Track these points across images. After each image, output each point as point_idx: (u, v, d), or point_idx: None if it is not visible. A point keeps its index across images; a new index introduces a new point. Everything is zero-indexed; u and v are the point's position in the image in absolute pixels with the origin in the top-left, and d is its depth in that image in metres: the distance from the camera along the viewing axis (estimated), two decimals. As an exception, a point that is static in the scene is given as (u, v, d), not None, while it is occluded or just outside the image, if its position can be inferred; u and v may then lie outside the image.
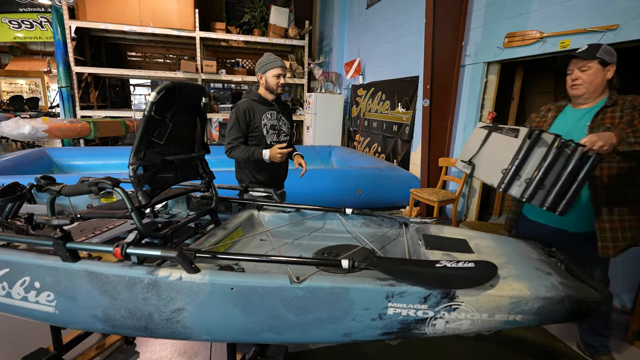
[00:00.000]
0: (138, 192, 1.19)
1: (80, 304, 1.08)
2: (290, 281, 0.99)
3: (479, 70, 3.68)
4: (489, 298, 0.98)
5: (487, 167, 1.56)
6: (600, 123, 1.53)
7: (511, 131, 1.45)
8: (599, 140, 1.26)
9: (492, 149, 1.56)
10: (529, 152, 1.32)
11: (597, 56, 1.51)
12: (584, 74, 1.55)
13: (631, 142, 1.32)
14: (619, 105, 1.54)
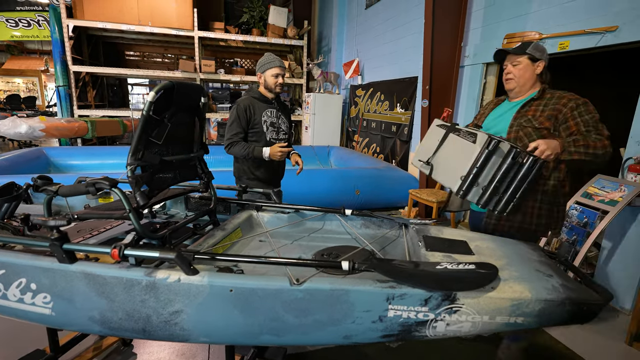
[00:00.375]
0: (136, 192, 1.18)
1: (77, 306, 1.07)
2: (290, 283, 0.98)
3: (478, 71, 3.69)
4: (490, 300, 0.97)
5: (445, 170, 1.54)
6: (524, 114, 1.62)
7: (469, 135, 1.43)
8: (547, 150, 1.37)
9: (450, 151, 1.54)
10: (486, 160, 1.34)
11: (527, 52, 1.60)
12: (515, 68, 1.64)
13: (571, 151, 1.43)
14: (545, 99, 1.61)
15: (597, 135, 1.46)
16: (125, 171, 1.18)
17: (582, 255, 2.11)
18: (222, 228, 1.47)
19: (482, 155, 1.32)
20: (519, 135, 1.62)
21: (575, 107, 1.53)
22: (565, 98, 1.57)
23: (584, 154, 1.43)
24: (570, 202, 2.40)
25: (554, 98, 1.60)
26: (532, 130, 1.59)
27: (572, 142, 1.43)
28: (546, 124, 1.55)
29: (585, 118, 1.51)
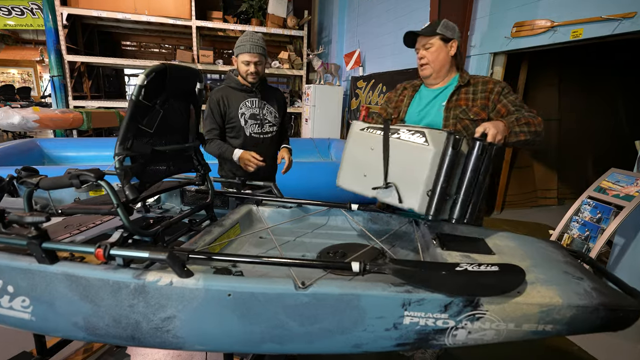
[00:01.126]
0: (125, 185, 1.07)
1: (58, 311, 0.97)
2: (294, 287, 0.88)
3: (485, 62, 3.57)
4: (517, 306, 0.88)
5: (400, 186, 1.14)
6: (456, 104, 1.52)
7: (416, 134, 1.10)
8: (497, 133, 1.22)
9: (398, 159, 1.13)
10: (452, 164, 1.04)
11: (438, 32, 1.48)
12: (428, 51, 1.52)
13: (517, 131, 1.32)
14: (472, 86, 1.53)
15: (529, 112, 1.41)
16: (113, 162, 1.07)
17: (596, 251, 2.02)
18: (219, 224, 1.37)
19: (447, 158, 1.03)
20: (457, 128, 1.53)
21: (501, 91, 1.49)
22: (490, 83, 1.52)
23: (528, 133, 1.34)
24: (582, 197, 2.31)
25: (479, 84, 1.53)
26: (469, 123, 1.50)
27: (515, 121, 1.33)
28: (482, 114, 1.49)
29: (511, 99, 1.47)
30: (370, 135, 1.19)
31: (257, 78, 1.97)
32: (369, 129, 1.19)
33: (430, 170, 1.05)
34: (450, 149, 1.02)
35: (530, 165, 4.90)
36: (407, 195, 1.09)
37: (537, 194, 4.97)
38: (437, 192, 1.05)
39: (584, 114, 4.93)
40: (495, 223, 4.05)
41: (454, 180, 1.06)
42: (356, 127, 1.24)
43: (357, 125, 1.24)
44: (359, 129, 1.23)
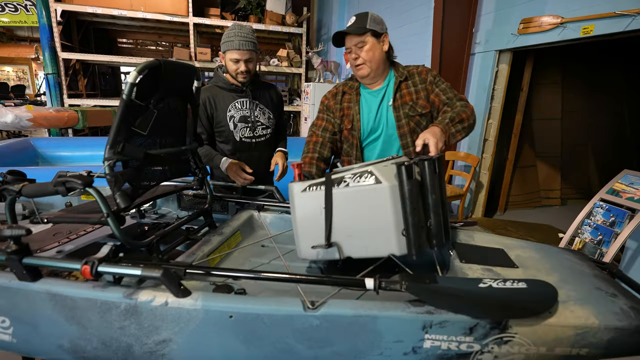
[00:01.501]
0: (115, 193, 0.98)
1: (42, 333, 0.88)
2: (303, 307, 0.80)
3: (490, 59, 3.48)
4: (549, 329, 0.79)
5: (357, 239, 1.00)
6: (402, 101, 1.48)
7: (363, 176, 0.97)
8: (438, 142, 1.18)
9: (349, 213, 0.99)
10: (413, 194, 0.92)
11: (368, 27, 1.40)
12: (362, 50, 1.43)
13: (453, 132, 1.31)
14: (410, 79, 1.49)
15: (460, 101, 1.41)
16: (103, 167, 0.98)
17: (610, 257, 1.95)
18: (219, 232, 1.28)
19: (406, 190, 0.91)
20: (411, 127, 1.47)
21: (433, 80, 1.47)
22: (423, 72, 1.49)
23: (463, 130, 1.34)
24: (594, 199, 2.23)
25: (415, 75, 1.50)
26: (420, 118, 1.46)
27: (450, 122, 1.30)
28: (428, 106, 1.47)
29: (442, 87, 1.45)
30: (314, 194, 1.02)
31: (249, 77, 1.76)
32: (311, 188, 1.03)
33: (394, 208, 0.93)
34: (406, 179, 0.91)
35: (534, 164, 4.83)
36: (383, 243, 0.97)
37: (540, 194, 4.90)
38: (411, 228, 0.93)
39: (587, 113, 4.86)
40: (499, 224, 3.98)
41: (420, 209, 0.95)
42: (295, 190, 1.05)
43: (296, 188, 1.05)
44: (299, 191, 1.05)
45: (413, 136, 1.46)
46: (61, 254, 1.23)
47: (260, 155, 1.91)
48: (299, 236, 1.07)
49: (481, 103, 3.64)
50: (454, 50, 3.63)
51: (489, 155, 3.83)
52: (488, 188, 4.03)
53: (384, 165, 0.99)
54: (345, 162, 1.62)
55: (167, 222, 1.55)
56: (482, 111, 3.65)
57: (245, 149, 1.85)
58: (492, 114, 3.68)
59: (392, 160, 1.04)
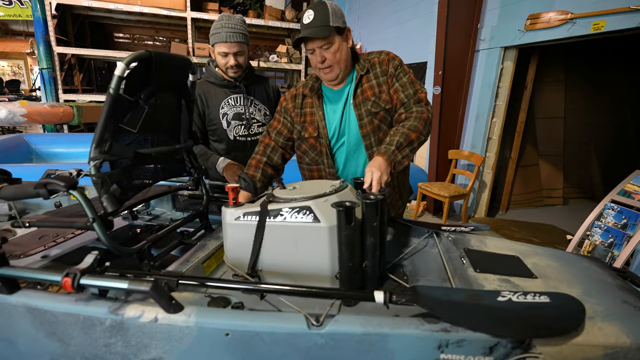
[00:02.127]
0: (102, 196, 0.90)
1: (21, 350, 0.80)
2: (307, 325, 0.72)
3: (495, 56, 3.41)
4: (577, 348, 0.72)
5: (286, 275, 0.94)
6: (364, 97, 1.33)
7: (301, 212, 0.89)
8: (383, 175, 1.07)
9: (280, 246, 0.92)
10: (351, 239, 0.85)
11: (332, 26, 1.22)
12: (329, 52, 1.26)
13: (400, 160, 1.17)
14: (372, 71, 1.34)
15: (418, 104, 1.27)
16: (89, 167, 0.90)
17: (622, 260, 1.88)
18: (215, 236, 1.20)
19: (343, 235, 0.83)
20: (374, 125, 1.33)
21: (394, 72, 1.31)
22: (385, 62, 1.33)
23: (411, 153, 1.21)
24: (605, 201, 2.17)
25: (376, 65, 1.34)
26: (385, 113, 1.33)
27: (396, 150, 1.16)
28: (391, 101, 1.32)
29: (402, 81, 1.30)
30: (249, 224, 0.94)
31: (240, 71, 1.66)
32: (245, 216, 0.95)
33: (330, 250, 0.88)
34: (344, 225, 0.82)
35: (536, 163, 4.77)
36: (314, 282, 0.91)
37: (542, 193, 4.85)
38: (345, 274, 0.86)
39: (590, 112, 4.80)
40: (502, 224, 3.92)
41: (357, 252, 0.88)
42: (229, 217, 0.97)
43: (229, 215, 0.97)
44: (232, 219, 0.97)
45: (377, 134, 1.32)
46: (46, 259, 1.15)
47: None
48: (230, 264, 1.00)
49: (485, 101, 3.56)
50: (459, 47, 3.55)
51: (493, 154, 3.76)
52: (491, 187, 3.96)
53: (324, 201, 0.92)
54: (315, 171, 1.46)
55: (160, 224, 1.47)
56: (486, 109, 3.58)
57: (240, 148, 1.75)
58: (496, 112, 3.61)
59: (335, 195, 0.97)
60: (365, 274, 0.91)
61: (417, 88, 1.29)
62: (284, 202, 0.94)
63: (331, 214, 0.87)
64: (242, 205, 0.99)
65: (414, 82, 1.31)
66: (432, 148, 3.91)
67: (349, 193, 1.03)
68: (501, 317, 0.74)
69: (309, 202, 0.91)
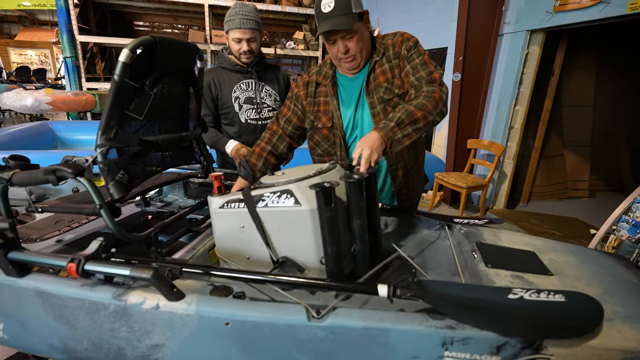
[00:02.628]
0: (109, 183, 0.91)
1: (32, 331, 0.83)
2: (307, 317, 0.71)
3: (520, 40, 3.23)
4: (592, 352, 0.68)
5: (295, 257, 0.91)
6: (376, 84, 1.26)
7: (282, 196, 0.87)
8: (373, 153, 0.98)
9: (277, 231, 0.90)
10: (332, 221, 0.81)
11: (355, 12, 1.14)
12: (352, 42, 1.19)
13: (400, 138, 1.07)
14: (385, 55, 1.26)
15: (430, 84, 1.17)
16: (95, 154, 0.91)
17: (649, 258, 1.78)
18: (223, 224, 1.20)
19: (324, 218, 0.80)
20: (388, 112, 1.24)
21: (407, 55, 1.23)
22: (397, 44, 1.25)
23: (415, 132, 1.09)
24: (634, 194, 2.04)
25: (390, 48, 1.26)
26: (399, 99, 1.24)
27: (396, 126, 1.07)
28: (406, 85, 1.24)
29: (414, 63, 1.21)
30: (233, 211, 0.93)
31: (252, 57, 1.72)
32: (229, 204, 0.94)
33: (314, 233, 0.85)
34: (324, 207, 0.79)
35: (562, 154, 4.56)
36: (306, 268, 0.89)
37: (567, 185, 4.65)
38: (330, 258, 0.82)
39: (622, 100, 4.52)
40: (522, 216, 3.79)
41: (342, 236, 0.84)
42: (214, 205, 0.97)
43: (214, 203, 0.97)
44: (217, 207, 0.96)
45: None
46: (60, 244, 1.18)
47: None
48: (219, 254, 0.99)
49: (508, 88, 3.40)
50: (481, 31, 3.38)
51: (514, 143, 3.61)
52: (512, 178, 3.82)
53: (306, 184, 0.88)
54: (327, 162, 1.40)
55: (171, 211, 1.49)
56: (508, 97, 3.42)
57: (251, 131, 1.80)
58: (519, 100, 3.45)
59: (319, 177, 0.92)
60: (356, 259, 0.88)
61: (431, 69, 1.20)
62: (265, 187, 0.91)
63: (313, 197, 0.82)
64: (227, 194, 0.98)
65: (427, 64, 1.21)
66: (450, 137, 3.79)
67: (334, 174, 0.98)
68: (510, 316, 0.70)
69: (290, 185, 0.88)
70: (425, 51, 1.24)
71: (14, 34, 13.92)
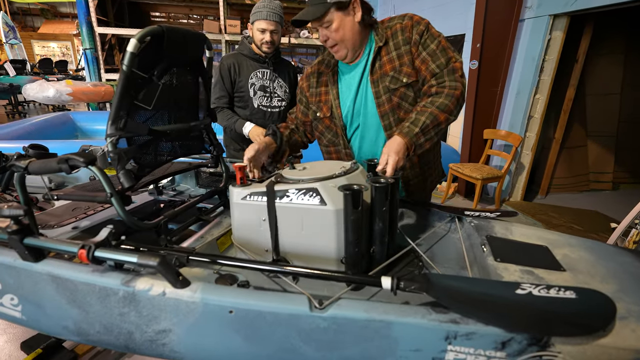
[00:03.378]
0: (119, 172, 0.93)
1: (48, 313, 0.87)
2: (310, 307, 0.72)
3: (542, 25, 3.09)
4: (602, 350, 0.66)
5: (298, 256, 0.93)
6: (382, 72, 1.21)
7: (308, 194, 0.87)
8: (400, 161, 1.01)
9: (298, 226, 0.91)
10: (358, 223, 0.82)
11: (330, 2, 1.09)
12: (329, 30, 1.15)
13: (422, 143, 1.09)
14: (391, 41, 1.20)
15: (452, 75, 1.14)
16: (106, 144, 0.93)
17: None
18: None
19: (350, 220, 0.81)
20: (394, 103, 1.20)
21: (419, 40, 1.16)
22: (407, 28, 1.18)
23: (436, 136, 1.11)
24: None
25: (398, 33, 1.19)
26: (405, 89, 1.19)
27: (420, 132, 1.07)
28: (415, 74, 1.19)
29: (431, 49, 1.16)
30: (256, 203, 0.94)
31: (272, 48, 1.86)
32: (252, 196, 0.95)
33: (337, 234, 0.86)
34: (351, 209, 0.80)
35: (584, 145, 4.39)
36: (322, 264, 0.90)
37: (589, 177, 4.48)
38: (351, 258, 0.85)
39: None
40: (539, 209, 3.69)
41: (364, 237, 0.86)
42: (235, 196, 0.98)
43: (236, 194, 0.97)
44: (239, 198, 0.97)
45: (397, 113, 1.22)
46: (76, 230, 1.22)
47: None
48: (237, 244, 1.01)
49: (528, 76, 3.28)
50: (501, 17, 3.25)
51: (533, 134, 3.49)
52: (530, 169, 3.71)
53: (331, 183, 0.89)
54: (333, 153, 1.39)
55: (182, 199, 1.51)
56: (528, 85, 3.30)
57: (260, 117, 1.94)
58: (540, 88, 3.32)
59: (344, 177, 0.94)
60: (373, 259, 0.88)
61: (450, 55, 1.15)
62: (290, 183, 0.92)
63: (338, 197, 0.84)
64: (250, 185, 0.99)
65: (445, 49, 1.16)
66: (466, 127, 3.70)
67: (359, 175, 0.99)
68: (517, 312, 0.69)
69: (316, 184, 0.89)
70: (439, 33, 1.19)
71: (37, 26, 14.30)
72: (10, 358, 1.56)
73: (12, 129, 4.01)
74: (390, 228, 0.90)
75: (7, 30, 10.42)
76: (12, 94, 7.70)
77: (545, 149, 4.05)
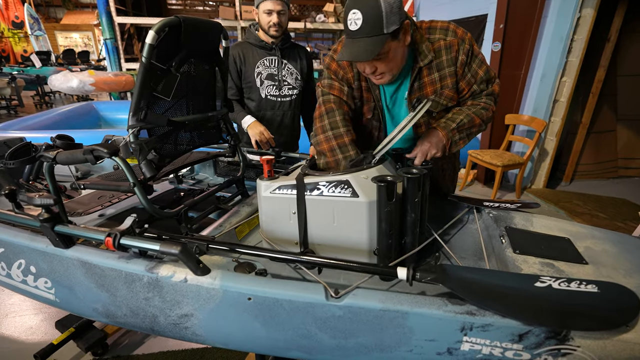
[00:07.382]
0: (141, 162, 0.96)
1: (78, 296, 0.92)
2: (325, 296, 0.73)
3: (571, 3, 2.92)
4: (623, 345, 0.65)
5: (328, 249, 0.94)
6: (421, 94, 1.14)
7: (339, 186, 0.87)
8: (432, 148, 1.06)
9: (329, 219, 0.91)
10: (391, 215, 0.83)
11: (386, 33, 0.94)
12: (381, 62, 1.01)
13: (456, 140, 1.11)
14: (435, 60, 1.10)
15: (490, 96, 1.16)
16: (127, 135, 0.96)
17: None
18: (249, 202, 1.24)
19: (383, 212, 0.82)
20: (431, 124, 1.16)
21: (466, 60, 1.10)
22: (454, 47, 1.08)
23: (469, 137, 1.14)
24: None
25: (442, 52, 1.09)
26: (444, 112, 1.17)
27: (456, 129, 1.10)
28: (456, 97, 1.15)
29: (475, 70, 1.12)
30: (284, 197, 0.93)
31: (281, 31, 1.74)
32: (281, 189, 0.94)
33: (369, 226, 0.87)
34: (385, 201, 0.80)
35: (613, 129, 4.18)
36: (353, 255, 0.91)
37: (617, 163, 4.28)
38: (384, 250, 0.86)
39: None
40: (563, 196, 3.57)
41: (397, 228, 0.87)
42: (263, 189, 0.97)
43: (264, 187, 0.97)
44: (268, 192, 0.96)
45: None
46: (102, 218, 1.28)
47: (284, 116, 1.87)
48: (265, 238, 1.03)
49: (555, 57, 3.12)
50: (526, -5, 3.09)
51: (559, 118, 3.35)
52: (554, 156, 3.58)
53: (364, 177, 0.89)
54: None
55: (202, 188, 1.55)
56: (554, 67, 3.14)
57: (270, 107, 1.86)
58: (567, 70, 3.16)
59: (374, 169, 0.93)
60: (404, 250, 0.89)
61: (491, 76, 1.15)
62: (321, 176, 0.93)
63: (370, 189, 0.85)
64: (277, 178, 1.00)
65: (488, 71, 1.14)
66: (487, 113, 3.59)
67: (389, 166, 0.99)
68: (535, 304, 0.68)
69: (347, 176, 0.89)
70: (479, 51, 1.14)
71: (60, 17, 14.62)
72: (46, 335, 1.66)
73: (40, 119, 4.17)
74: (421, 219, 0.90)
75: (32, 22, 10.71)
76: (39, 84, 7.97)
77: (570, 134, 3.89)
